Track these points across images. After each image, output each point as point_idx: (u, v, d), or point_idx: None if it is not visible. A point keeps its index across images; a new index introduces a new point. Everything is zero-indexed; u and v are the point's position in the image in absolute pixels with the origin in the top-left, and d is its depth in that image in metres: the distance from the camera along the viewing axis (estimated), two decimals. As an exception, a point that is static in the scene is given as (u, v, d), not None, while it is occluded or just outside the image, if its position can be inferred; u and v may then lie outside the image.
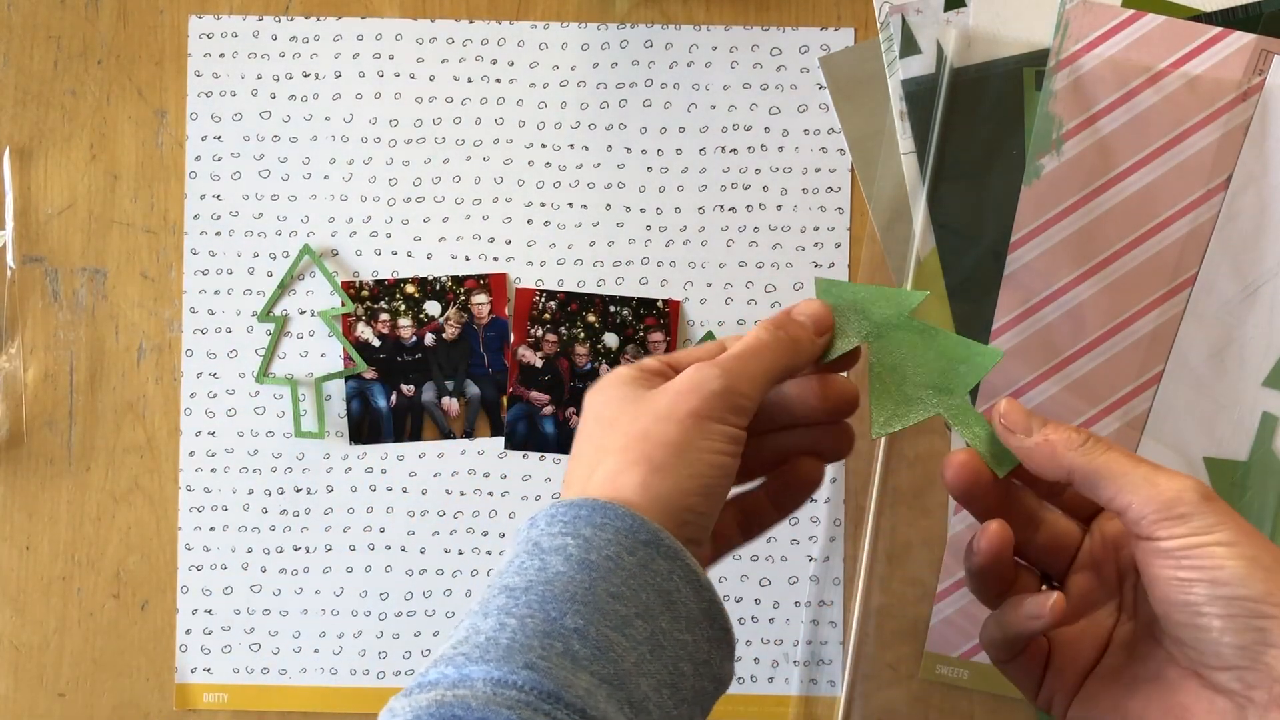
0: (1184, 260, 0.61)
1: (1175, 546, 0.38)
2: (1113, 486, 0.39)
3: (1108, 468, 0.39)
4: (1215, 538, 0.37)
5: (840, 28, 0.63)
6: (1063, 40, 0.61)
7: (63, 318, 0.63)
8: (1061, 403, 0.60)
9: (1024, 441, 0.41)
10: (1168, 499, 0.38)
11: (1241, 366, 0.60)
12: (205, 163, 0.63)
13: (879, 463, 0.62)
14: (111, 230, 0.63)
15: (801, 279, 0.62)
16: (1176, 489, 0.38)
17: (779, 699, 0.62)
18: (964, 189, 0.61)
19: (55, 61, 0.63)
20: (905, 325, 0.44)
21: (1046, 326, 0.61)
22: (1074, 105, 0.60)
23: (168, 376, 0.63)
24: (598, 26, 0.63)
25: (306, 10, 0.63)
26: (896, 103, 0.62)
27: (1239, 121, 0.60)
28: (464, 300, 0.62)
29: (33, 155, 0.63)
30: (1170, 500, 0.38)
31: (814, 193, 0.63)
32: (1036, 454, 0.41)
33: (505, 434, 0.62)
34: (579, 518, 0.38)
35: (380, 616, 0.63)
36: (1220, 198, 0.60)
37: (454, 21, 0.63)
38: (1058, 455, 0.40)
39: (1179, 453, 0.60)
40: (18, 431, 0.62)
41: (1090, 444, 0.40)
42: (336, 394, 0.62)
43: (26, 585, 0.62)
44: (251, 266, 0.63)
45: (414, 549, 0.63)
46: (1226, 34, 0.60)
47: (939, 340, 0.44)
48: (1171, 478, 0.39)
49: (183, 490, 0.62)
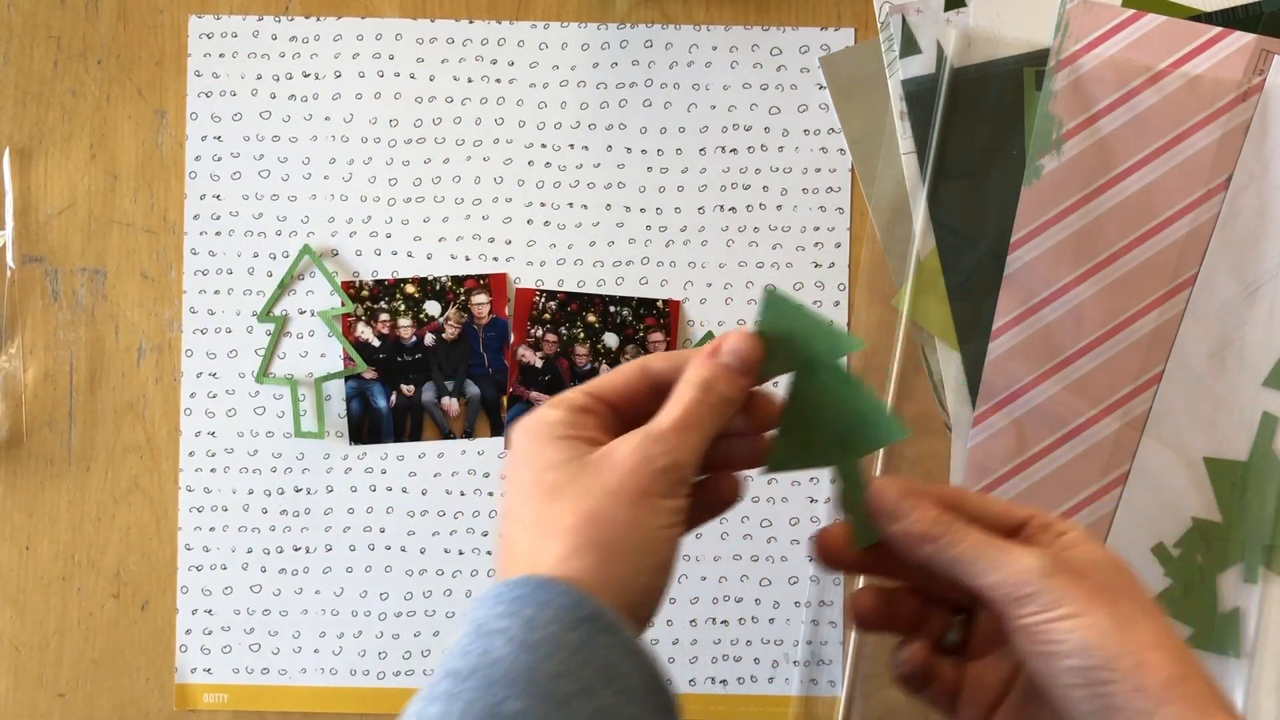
0: (1184, 260, 0.61)
1: (1027, 625, 0.39)
2: (970, 572, 0.40)
3: (963, 557, 0.40)
4: (1060, 613, 0.38)
5: (840, 28, 0.63)
6: (1063, 40, 0.61)
7: (62, 318, 0.63)
8: (1061, 403, 0.60)
9: (887, 527, 0.42)
10: (1016, 580, 0.39)
11: (1241, 366, 0.60)
12: (205, 163, 0.63)
13: (879, 463, 0.62)
14: (111, 230, 0.63)
15: (801, 279, 0.62)
16: (1022, 568, 0.39)
17: (779, 699, 0.62)
18: (964, 189, 0.61)
19: (55, 61, 0.63)
20: (834, 370, 0.43)
21: (1046, 326, 0.61)
22: (1074, 105, 0.60)
23: (168, 376, 0.63)
24: (598, 26, 0.63)
25: (306, 10, 0.63)
26: (896, 103, 0.62)
27: (1239, 121, 0.60)
28: (464, 300, 0.62)
29: (33, 155, 0.63)
30: (1018, 580, 0.39)
31: (814, 193, 0.63)
32: (897, 542, 0.42)
33: (505, 435, 0.62)
34: (521, 597, 0.38)
35: (380, 617, 0.62)
36: (1220, 198, 0.60)
37: (454, 21, 0.63)
38: (914, 549, 0.41)
39: (1179, 453, 0.60)
40: (18, 431, 0.62)
41: (948, 537, 0.41)
42: (336, 394, 0.62)
43: (26, 585, 0.62)
44: (251, 266, 0.63)
45: (414, 549, 0.63)
46: (1226, 34, 0.60)
47: (859, 395, 0.43)
48: (1021, 556, 0.40)
49: (183, 490, 0.62)
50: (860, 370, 0.62)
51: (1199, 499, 0.60)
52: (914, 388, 0.62)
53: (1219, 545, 0.60)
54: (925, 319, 0.62)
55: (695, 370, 0.42)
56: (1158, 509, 0.61)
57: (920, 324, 0.62)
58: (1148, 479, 0.60)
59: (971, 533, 0.41)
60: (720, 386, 0.42)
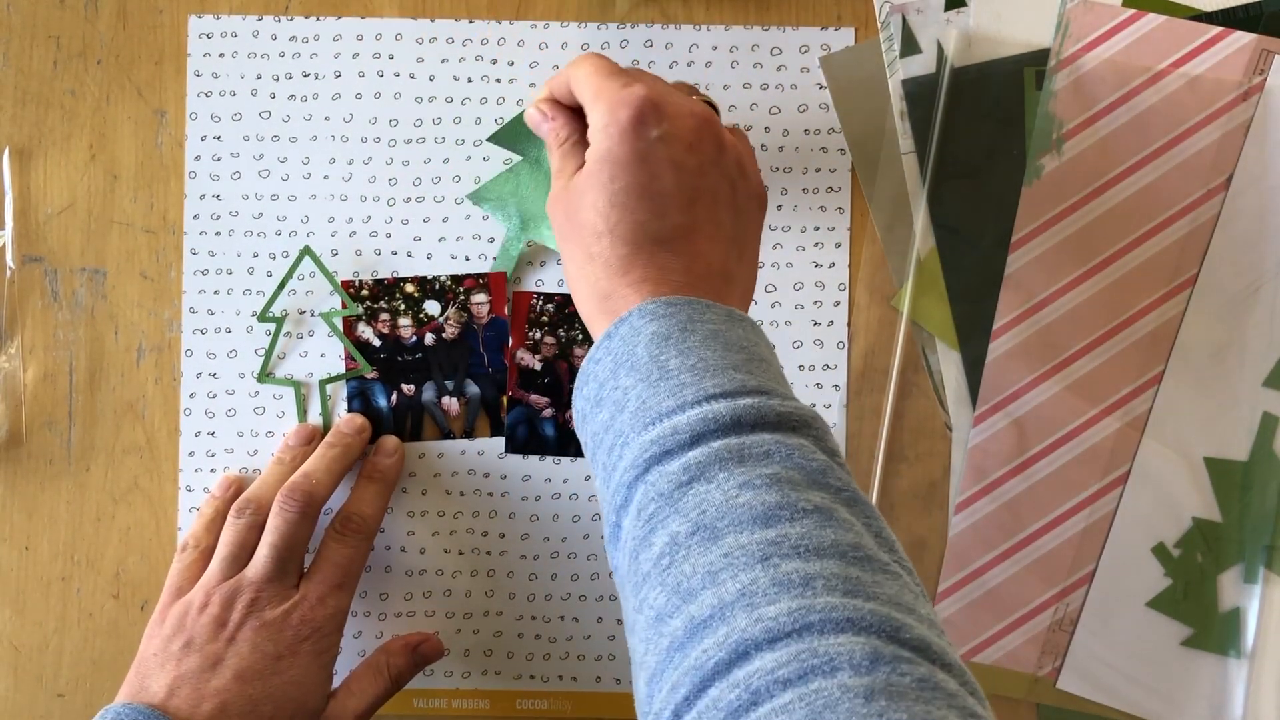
0: (1184, 260, 0.60)
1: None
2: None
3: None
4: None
5: (840, 28, 0.63)
6: (1063, 40, 0.61)
7: (62, 318, 0.63)
8: (1062, 402, 0.60)
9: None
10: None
11: (1242, 366, 0.60)
12: (205, 163, 0.63)
13: (879, 463, 0.62)
14: (111, 230, 0.63)
15: (801, 279, 0.62)
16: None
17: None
18: (964, 189, 0.61)
19: (55, 61, 0.63)
20: (546, 172, 0.57)
21: (1047, 326, 0.61)
22: (1074, 105, 0.60)
23: (167, 376, 0.63)
24: (598, 26, 0.63)
25: (306, 10, 0.63)
26: (897, 103, 0.62)
27: (1239, 121, 0.60)
28: (464, 300, 0.62)
29: (32, 155, 0.63)
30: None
31: (814, 193, 0.63)
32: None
33: (506, 437, 0.62)
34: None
35: (380, 617, 0.62)
36: (1221, 198, 0.60)
37: (454, 21, 0.63)
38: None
39: (1180, 453, 0.60)
40: (17, 431, 0.62)
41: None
42: (336, 394, 0.62)
43: (26, 585, 0.62)
44: (251, 266, 0.63)
45: (414, 549, 0.63)
46: (1227, 34, 0.60)
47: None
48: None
49: (182, 490, 0.62)
50: (860, 371, 0.62)
51: (1199, 499, 0.60)
52: (914, 388, 0.62)
53: (1219, 545, 0.60)
54: (925, 319, 0.62)
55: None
56: (1158, 509, 0.61)
57: (920, 324, 0.62)
58: (1148, 479, 0.60)
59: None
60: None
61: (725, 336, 0.45)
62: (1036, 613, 0.61)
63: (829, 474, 0.41)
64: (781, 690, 0.34)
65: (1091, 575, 0.61)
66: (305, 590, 0.56)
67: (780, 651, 0.35)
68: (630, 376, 0.44)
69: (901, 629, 0.36)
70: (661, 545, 0.40)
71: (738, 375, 0.43)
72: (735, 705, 0.34)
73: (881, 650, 0.34)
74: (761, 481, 0.39)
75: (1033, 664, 0.61)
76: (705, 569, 0.38)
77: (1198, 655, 0.60)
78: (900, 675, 0.34)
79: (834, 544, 0.38)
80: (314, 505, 0.57)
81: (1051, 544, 0.61)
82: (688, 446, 0.41)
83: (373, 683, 0.57)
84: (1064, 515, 0.61)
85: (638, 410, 0.43)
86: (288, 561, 0.56)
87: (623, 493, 0.42)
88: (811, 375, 0.62)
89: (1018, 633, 0.61)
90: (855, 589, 0.37)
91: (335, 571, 0.56)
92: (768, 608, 0.36)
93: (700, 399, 0.42)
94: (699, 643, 0.36)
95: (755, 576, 0.37)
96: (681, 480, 0.40)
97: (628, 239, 0.48)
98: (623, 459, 0.43)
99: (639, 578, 0.40)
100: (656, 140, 0.48)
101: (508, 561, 0.62)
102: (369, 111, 0.63)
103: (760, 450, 0.41)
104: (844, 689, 0.33)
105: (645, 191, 0.48)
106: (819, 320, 0.62)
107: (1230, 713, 0.60)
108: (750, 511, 0.39)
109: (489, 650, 0.63)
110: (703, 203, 0.49)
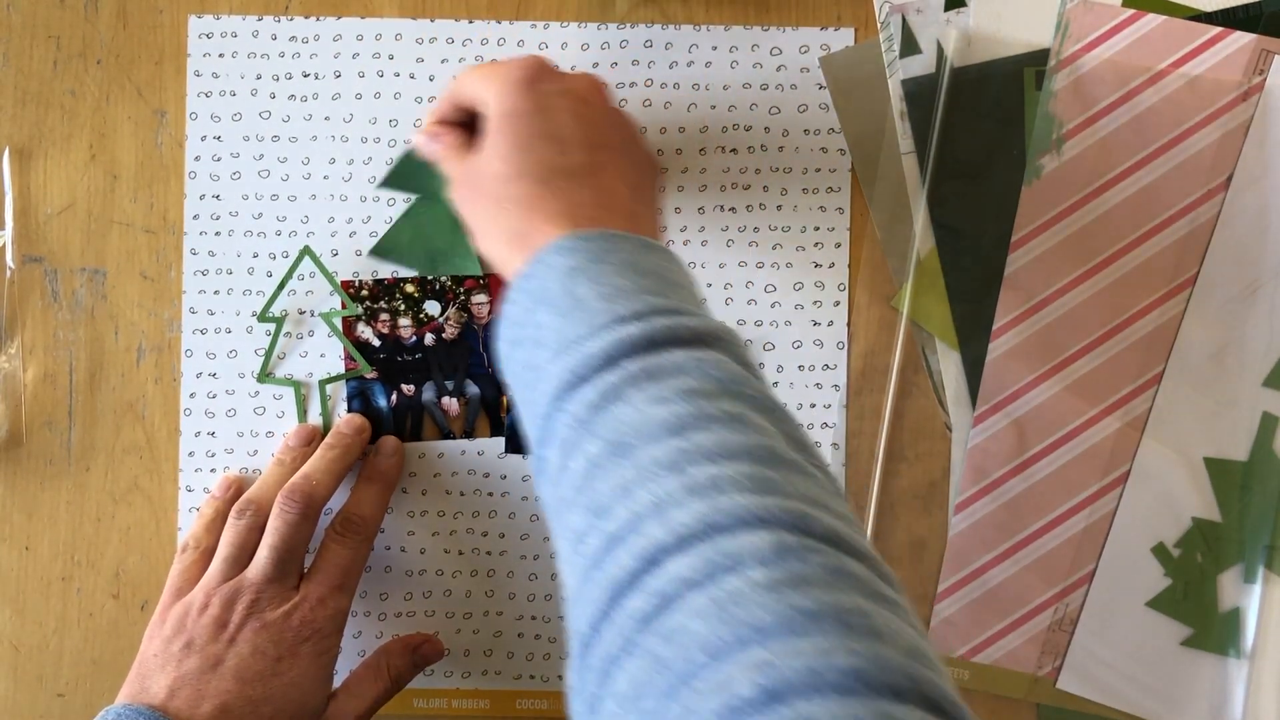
0: (1184, 260, 0.61)
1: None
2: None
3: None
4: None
5: (840, 28, 0.63)
6: (1063, 40, 0.61)
7: (62, 318, 0.62)
8: (1062, 402, 0.60)
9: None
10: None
11: (1242, 366, 0.60)
12: (205, 163, 0.63)
13: (879, 463, 0.62)
14: (111, 230, 0.63)
15: (801, 279, 0.62)
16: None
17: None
18: (964, 189, 0.61)
19: (55, 61, 0.63)
20: (446, 206, 0.56)
21: (1047, 326, 0.61)
22: (1074, 105, 0.60)
23: (167, 377, 0.63)
24: (598, 26, 0.63)
25: (306, 10, 0.63)
26: (897, 103, 0.62)
27: (1239, 121, 0.60)
28: (464, 300, 0.62)
29: (32, 155, 0.63)
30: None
31: (814, 193, 0.63)
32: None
33: (505, 437, 0.62)
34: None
35: (380, 617, 0.62)
36: (1220, 198, 0.60)
37: (454, 21, 0.63)
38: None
39: (1179, 453, 0.60)
40: (17, 432, 0.62)
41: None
42: (336, 394, 0.62)
43: (26, 585, 0.62)
44: (251, 266, 0.63)
45: (414, 549, 0.63)
46: (1227, 34, 0.60)
47: (455, 231, 0.61)
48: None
49: (182, 490, 0.62)
50: (860, 371, 0.62)
51: (1199, 499, 0.60)
52: (914, 388, 0.62)
53: (1219, 545, 0.60)
54: (925, 319, 0.62)
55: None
56: (1158, 509, 0.61)
57: (920, 324, 0.62)
58: (1148, 479, 0.60)
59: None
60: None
61: (638, 264, 0.45)
62: (1036, 613, 0.61)
63: (743, 384, 0.41)
64: (691, 592, 0.34)
65: (1091, 575, 0.61)
66: (305, 591, 0.56)
67: (690, 555, 0.35)
68: (545, 312, 0.44)
69: (810, 521, 0.36)
70: (578, 469, 0.40)
71: (650, 298, 0.43)
72: (647, 612, 0.34)
73: (788, 542, 0.35)
74: (674, 395, 0.39)
75: (1033, 664, 0.61)
76: (619, 484, 0.38)
77: (1198, 655, 0.60)
78: (806, 565, 0.34)
79: (745, 447, 0.38)
80: (314, 506, 0.57)
81: (1051, 544, 0.61)
82: (601, 370, 0.41)
83: (373, 683, 0.57)
84: (1064, 515, 0.61)
85: (552, 343, 0.43)
86: (288, 563, 0.56)
87: (542, 424, 0.42)
88: (811, 375, 0.62)
89: (1018, 633, 0.61)
90: (766, 488, 0.37)
91: (335, 572, 0.56)
92: (678, 513, 0.36)
93: (611, 322, 0.42)
94: (614, 556, 0.37)
95: (666, 485, 0.37)
96: (596, 403, 0.40)
97: (537, 176, 0.49)
98: (540, 392, 0.43)
99: (561, 505, 0.41)
100: (552, 93, 0.51)
101: (508, 561, 0.62)
102: (369, 111, 0.63)
103: (673, 366, 0.41)
104: (751, 584, 0.33)
105: (547, 133, 0.50)
106: (819, 320, 0.62)
107: (1230, 713, 0.60)
108: (663, 424, 0.39)
109: (489, 650, 0.63)
110: (604, 147, 0.51)
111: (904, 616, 0.35)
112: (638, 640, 0.34)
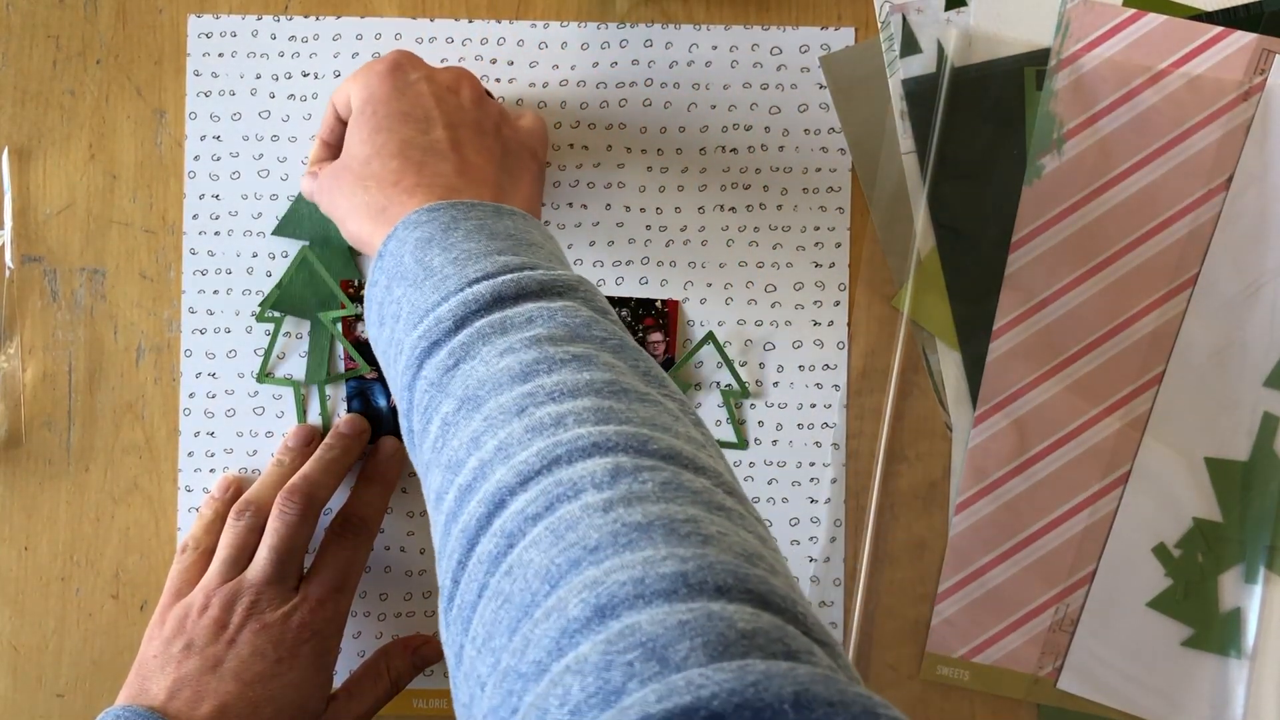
0: (1185, 260, 0.60)
1: None
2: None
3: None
4: None
5: (840, 27, 0.62)
6: (1063, 40, 0.61)
7: (61, 318, 0.62)
8: (1063, 402, 0.60)
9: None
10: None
11: (1243, 366, 0.60)
12: (204, 162, 0.63)
13: (879, 463, 0.62)
14: (110, 230, 0.63)
15: (801, 279, 0.62)
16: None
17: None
18: (964, 189, 0.61)
19: (54, 61, 0.63)
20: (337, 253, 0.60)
21: (1047, 326, 0.61)
22: (1075, 105, 0.60)
23: (167, 376, 0.62)
24: (598, 26, 0.63)
25: (306, 10, 0.63)
26: (897, 102, 0.62)
27: (1240, 121, 0.60)
28: (464, 300, 0.62)
29: (32, 155, 0.63)
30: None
31: (814, 193, 0.63)
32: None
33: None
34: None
35: (380, 617, 0.62)
36: (1221, 197, 0.60)
37: (454, 21, 0.63)
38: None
39: (1180, 453, 0.60)
40: (17, 431, 0.62)
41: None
42: (336, 394, 0.62)
43: (25, 585, 0.62)
44: (251, 266, 0.63)
45: (414, 549, 0.63)
46: (1227, 33, 0.60)
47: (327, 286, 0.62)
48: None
49: (182, 490, 0.62)
50: (861, 371, 0.62)
51: (1200, 499, 0.60)
52: (914, 388, 0.62)
53: (1220, 545, 0.60)
54: (925, 319, 0.62)
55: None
56: (1159, 509, 0.60)
57: (920, 324, 0.62)
58: (1149, 479, 0.60)
59: None
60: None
61: (490, 228, 0.45)
62: (1037, 613, 0.61)
63: (594, 327, 0.41)
64: (532, 526, 0.34)
65: (1092, 575, 0.61)
66: (305, 592, 0.55)
67: (531, 490, 0.35)
68: (401, 286, 0.45)
69: (649, 442, 0.36)
70: (435, 431, 0.40)
71: (501, 258, 0.43)
72: (495, 554, 0.35)
73: (623, 464, 0.35)
74: (521, 345, 0.40)
75: (1033, 664, 0.61)
76: (470, 437, 0.38)
77: (1198, 655, 0.60)
78: (641, 483, 0.34)
79: (589, 383, 0.38)
80: (314, 507, 0.57)
81: (1052, 544, 0.61)
82: (452, 332, 0.41)
83: (373, 684, 0.57)
84: (1064, 515, 0.61)
85: (408, 315, 0.44)
86: (288, 563, 0.56)
87: (405, 395, 0.43)
88: (811, 375, 0.62)
89: (1018, 633, 0.61)
90: (607, 418, 0.37)
91: (335, 573, 0.56)
92: (521, 453, 0.36)
93: (462, 285, 0.42)
94: (466, 507, 0.37)
95: (511, 429, 0.37)
96: (449, 365, 0.41)
97: (396, 153, 0.49)
98: (402, 365, 0.43)
99: (424, 470, 0.41)
100: (415, 80, 0.52)
101: (508, 562, 0.62)
102: (369, 111, 0.63)
103: (522, 318, 0.41)
104: (585, 507, 0.34)
105: (406, 113, 0.50)
106: (819, 320, 0.62)
107: (1230, 713, 0.60)
108: (509, 373, 0.39)
109: (489, 650, 0.62)
110: (467, 128, 0.51)
111: (742, 523, 0.35)
112: (489, 583, 0.35)
